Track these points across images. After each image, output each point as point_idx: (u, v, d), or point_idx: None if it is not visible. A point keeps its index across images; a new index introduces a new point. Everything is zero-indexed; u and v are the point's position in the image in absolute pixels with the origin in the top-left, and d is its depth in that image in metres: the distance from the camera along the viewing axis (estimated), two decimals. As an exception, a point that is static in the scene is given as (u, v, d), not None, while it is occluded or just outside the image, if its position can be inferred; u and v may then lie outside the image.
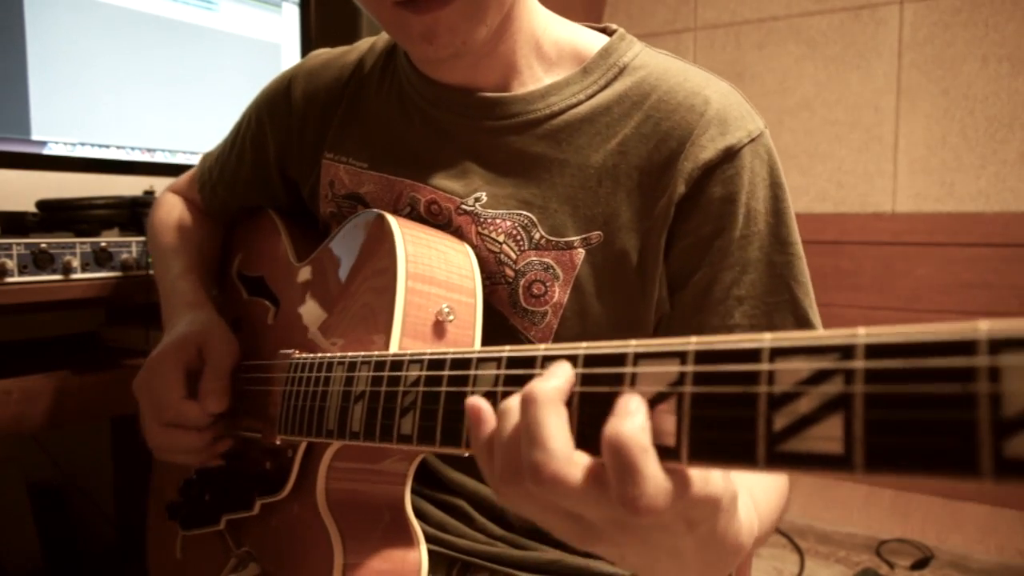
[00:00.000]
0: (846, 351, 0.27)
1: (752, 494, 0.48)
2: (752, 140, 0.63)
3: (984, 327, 0.24)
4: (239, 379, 0.72)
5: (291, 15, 1.45)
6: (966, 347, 0.24)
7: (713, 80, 0.66)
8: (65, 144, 1.15)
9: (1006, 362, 0.23)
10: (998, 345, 0.24)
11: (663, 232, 0.63)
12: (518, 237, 0.65)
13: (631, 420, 0.33)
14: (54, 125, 1.13)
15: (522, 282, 0.65)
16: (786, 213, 0.64)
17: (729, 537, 0.39)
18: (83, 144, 1.17)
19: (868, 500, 2.37)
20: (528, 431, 0.35)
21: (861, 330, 0.27)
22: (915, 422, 0.25)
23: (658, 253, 0.64)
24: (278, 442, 0.63)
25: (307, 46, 1.47)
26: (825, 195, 2.57)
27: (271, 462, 0.65)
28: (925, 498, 2.36)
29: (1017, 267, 2.26)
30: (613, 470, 0.33)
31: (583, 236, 0.64)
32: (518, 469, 0.36)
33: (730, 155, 0.62)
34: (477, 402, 0.39)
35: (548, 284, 0.65)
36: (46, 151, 1.13)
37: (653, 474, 0.32)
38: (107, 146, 1.20)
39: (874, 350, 0.27)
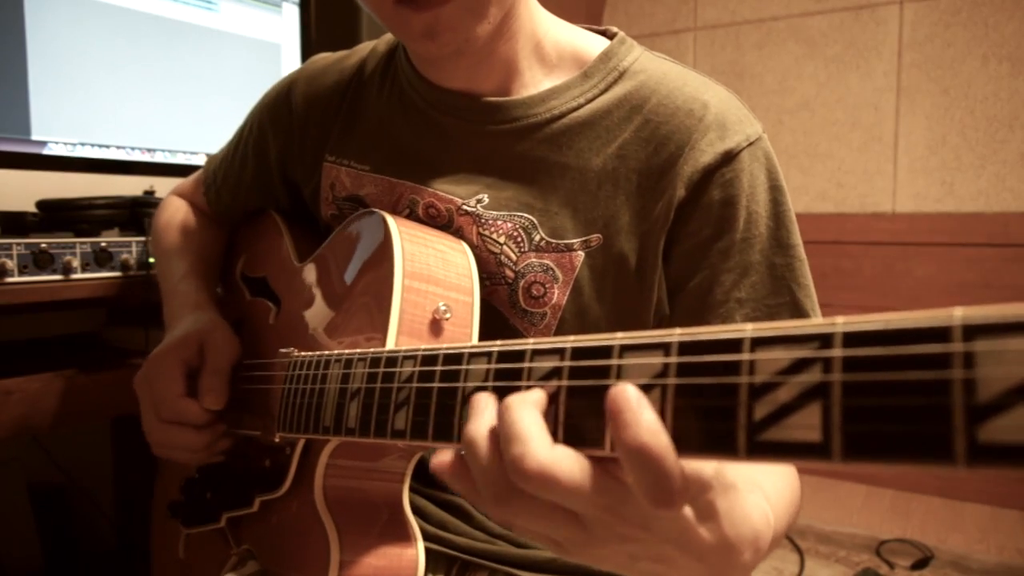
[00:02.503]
0: (825, 340, 0.28)
1: (764, 491, 0.46)
2: (750, 144, 0.64)
3: (959, 313, 0.24)
4: (240, 378, 0.72)
5: (291, 15, 1.46)
6: (941, 333, 0.24)
7: (711, 85, 0.67)
8: (65, 144, 1.15)
9: (980, 347, 0.23)
10: (972, 331, 0.24)
11: (662, 235, 0.64)
12: (518, 239, 0.66)
13: (645, 422, 0.32)
14: (54, 125, 1.13)
15: (522, 283, 0.65)
16: (786, 216, 0.64)
17: (736, 517, 0.37)
18: (83, 144, 1.17)
19: (868, 500, 2.37)
20: (505, 431, 0.35)
21: (840, 319, 0.27)
22: (891, 409, 0.25)
23: (656, 256, 0.64)
24: (277, 440, 0.63)
25: (307, 46, 1.48)
26: (825, 195, 2.57)
27: (270, 460, 0.66)
28: (925, 498, 2.36)
29: (1017, 267, 2.26)
30: (641, 478, 0.32)
31: (583, 239, 0.65)
32: (502, 479, 0.36)
33: (729, 159, 0.63)
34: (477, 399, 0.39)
35: (547, 286, 0.65)
36: (46, 151, 1.13)
37: (678, 471, 0.32)
38: (107, 146, 1.20)
39: (852, 338, 0.27)
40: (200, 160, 1.32)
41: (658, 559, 0.38)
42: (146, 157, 1.26)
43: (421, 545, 0.62)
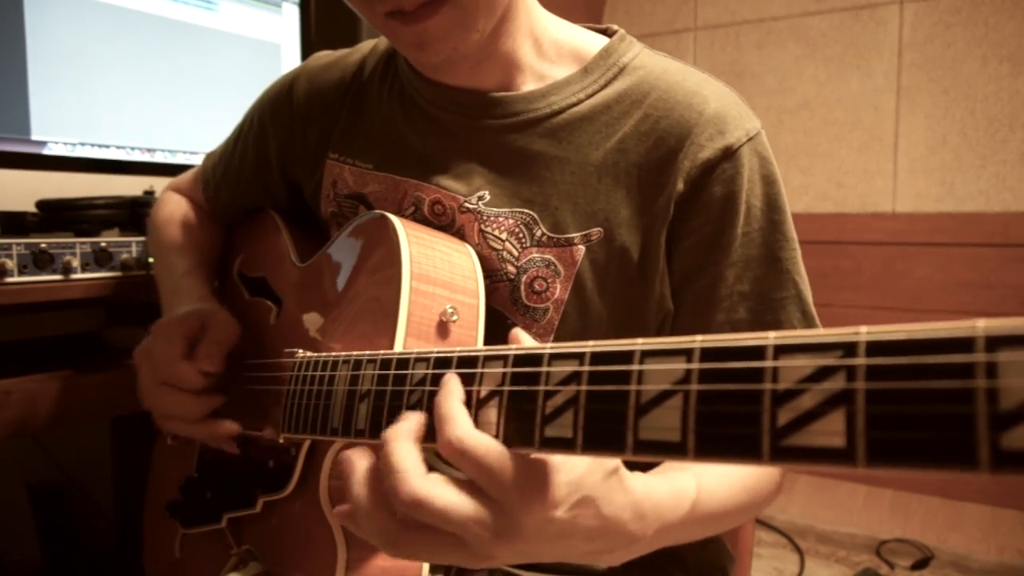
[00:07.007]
0: (848, 348, 0.28)
1: (698, 475, 0.53)
2: (750, 139, 0.65)
3: (982, 324, 0.25)
4: (243, 378, 0.72)
5: (291, 15, 1.45)
6: (964, 344, 0.25)
7: (711, 80, 0.68)
8: (65, 144, 1.14)
9: (1003, 358, 0.24)
10: (995, 342, 0.25)
11: (663, 229, 0.64)
12: (520, 234, 0.66)
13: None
14: (54, 125, 1.12)
15: (524, 278, 0.66)
16: (784, 210, 0.66)
17: (616, 502, 0.43)
18: (83, 144, 1.17)
19: (868, 500, 2.37)
20: (385, 465, 0.41)
21: (863, 328, 0.28)
22: (915, 417, 0.26)
23: (658, 250, 0.65)
24: (282, 440, 0.63)
25: (307, 46, 1.47)
26: (825, 195, 2.57)
27: (274, 460, 0.65)
28: (925, 498, 2.36)
29: (1017, 267, 2.26)
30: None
31: (583, 233, 0.65)
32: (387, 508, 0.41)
33: (729, 154, 0.63)
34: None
35: (550, 280, 0.65)
36: (46, 151, 1.12)
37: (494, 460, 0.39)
38: (107, 146, 1.20)
39: (875, 347, 0.27)
40: (200, 160, 1.32)
41: (550, 554, 0.43)
42: (146, 157, 1.26)
43: None
